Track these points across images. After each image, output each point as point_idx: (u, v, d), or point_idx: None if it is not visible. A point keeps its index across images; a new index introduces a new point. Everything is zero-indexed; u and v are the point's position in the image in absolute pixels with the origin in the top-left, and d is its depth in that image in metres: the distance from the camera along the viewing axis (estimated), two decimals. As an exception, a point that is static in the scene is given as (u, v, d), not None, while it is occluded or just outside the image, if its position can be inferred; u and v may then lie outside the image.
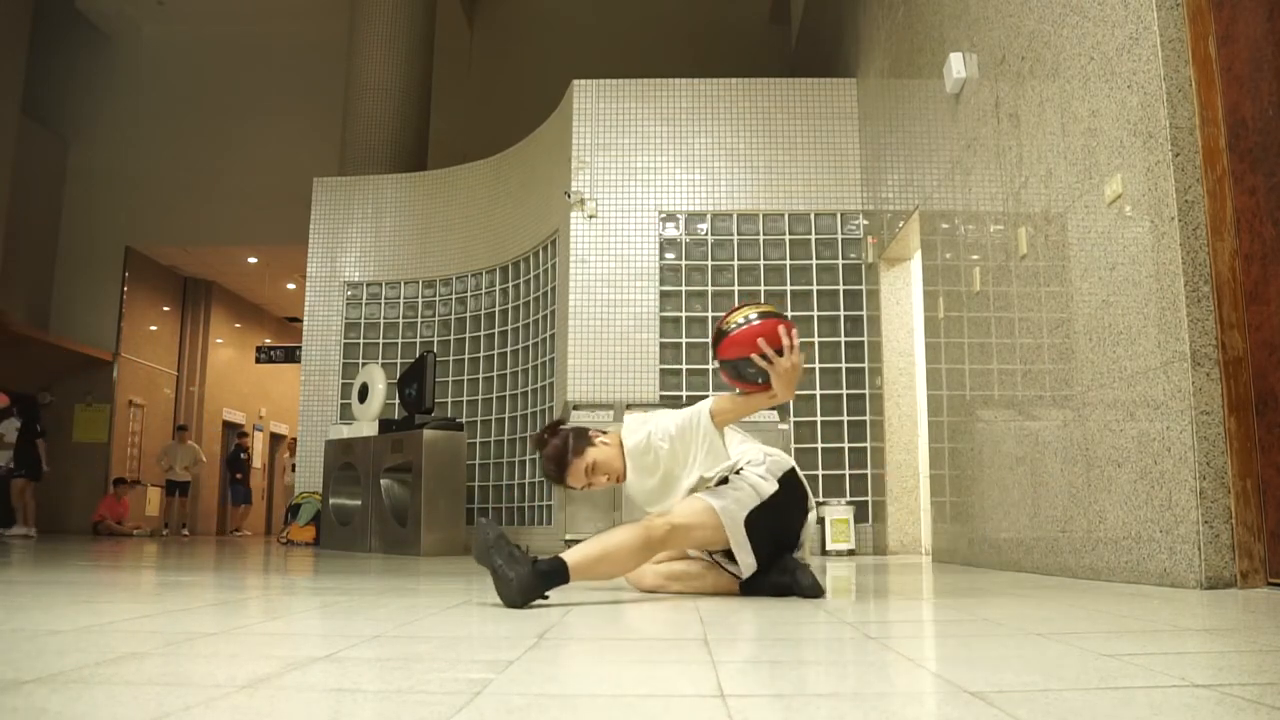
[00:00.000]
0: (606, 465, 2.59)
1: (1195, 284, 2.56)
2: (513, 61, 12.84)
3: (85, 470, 13.00)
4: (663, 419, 2.55)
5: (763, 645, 1.59)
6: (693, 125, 6.82)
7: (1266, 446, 2.43)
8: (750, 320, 2.39)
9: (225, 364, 15.86)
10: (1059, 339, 3.39)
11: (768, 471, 2.49)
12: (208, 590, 2.85)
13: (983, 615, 2.01)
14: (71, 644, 1.46)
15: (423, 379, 6.66)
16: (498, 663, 1.32)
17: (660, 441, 2.50)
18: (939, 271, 4.97)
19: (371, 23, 10.00)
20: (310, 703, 1.05)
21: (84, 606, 2.14)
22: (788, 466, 2.54)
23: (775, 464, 2.52)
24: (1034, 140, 3.62)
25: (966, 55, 4.35)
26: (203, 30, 13.27)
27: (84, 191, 13.12)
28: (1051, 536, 3.41)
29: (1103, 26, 3.01)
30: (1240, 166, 2.53)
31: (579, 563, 2.24)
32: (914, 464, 6.02)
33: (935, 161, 5.00)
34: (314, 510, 7.97)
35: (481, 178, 8.23)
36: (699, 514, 2.40)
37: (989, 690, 1.09)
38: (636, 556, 2.37)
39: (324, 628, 1.87)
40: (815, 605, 2.26)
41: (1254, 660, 1.36)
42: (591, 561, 2.28)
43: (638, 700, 1.08)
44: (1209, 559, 2.45)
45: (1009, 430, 3.92)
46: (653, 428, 2.53)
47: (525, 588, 2.11)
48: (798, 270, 6.60)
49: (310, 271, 8.51)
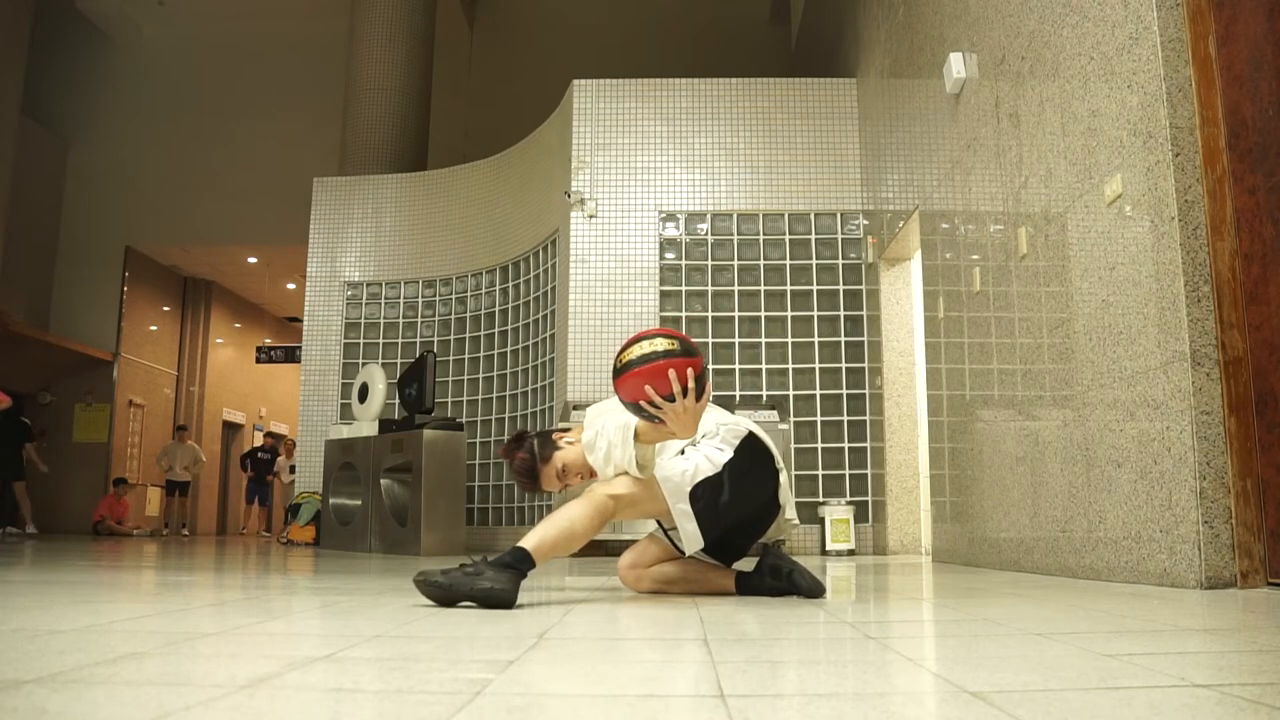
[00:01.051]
0: (576, 464, 2.55)
1: (1195, 284, 2.56)
2: (513, 61, 12.84)
3: (85, 470, 13.00)
4: (609, 419, 2.46)
5: (763, 645, 1.59)
6: (693, 125, 6.82)
7: (1266, 446, 2.43)
8: (647, 358, 2.18)
9: (225, 364, 15.86)
10: (1059, 339, 3.39)
11: (723, 441, 2.45)
12: (208, 590, 2.85)
13: (983, 615, 2.01)
14: (71, 644, 1.46)
15: (423, 379, 6.66)
16: (498, 663, 1.32)
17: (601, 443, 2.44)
18: (939, 271, 4.97)
19: (371, 23, 10.00)
20: (310, 703, 1.05)
21: (84, 606, 2.14)
22: (743, 433, 2.48)
23: (730, 432, 2.48)
24: (1034, 140, 3.62)
25: (966, 55, 4.35)
26: (203, 30, 13.27)
27: (84, 191, 13.13)
28: (1051, 536, 3.41)
29: (1103, 26, 3.01)
30: (1240, 166, 2.53)
31: (539, 546, 2.21)
32: (914, 464, 6.02)
33: (935, 161, 5.01)
34: (314, 510, 7.98)
35: (481, 178, 8.23)
36: (638, 483, 2.38)
37: (989, 690, 1.09)
38: (591, 526, 2.33)
39: (324, 628, 1.87)
40: (815, 605, 2.26)
41: (1254, 660, 1.36)
42: (550, 544, 2.25)
43: (638, 700, 1.08)
44: (1209, 559, 2.45)
45: (1009, 430, 3.92)
46: (599, 427, 2.46)
47: (508, 580, 2.09)
48: (798, 270, 6.60)
49: (310, 271, 8.51)
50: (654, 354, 2.19)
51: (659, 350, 2.19)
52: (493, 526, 7.57)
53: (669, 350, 2.20)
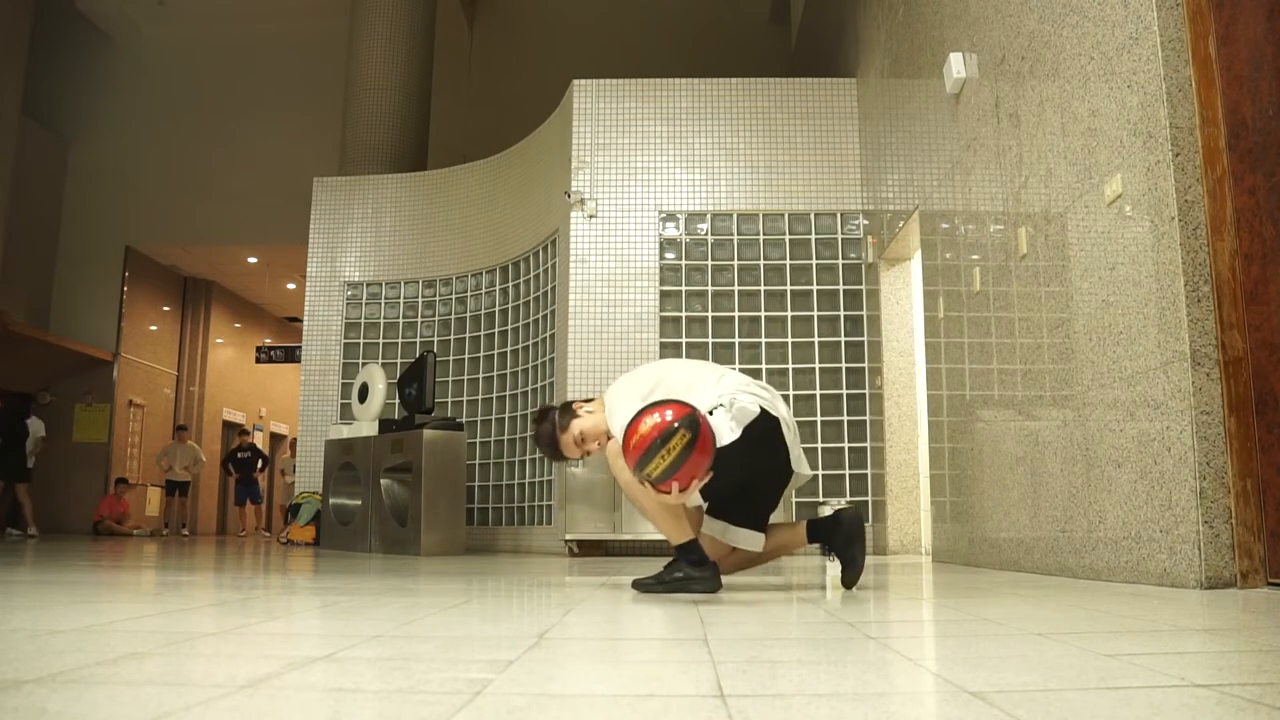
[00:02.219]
0: (593, 431, 2.76)
1: (1195, 284, 2.56)
2: (513, 61, 12.84)
3: (85, 470, 13.00)
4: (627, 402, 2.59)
5: (763, 645, 1.59)
6: (693, 125, 6.82)
7: (1266, 446, 2.43)
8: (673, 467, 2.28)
9: (225, 364, 15.86)
10: (1059, 339, 3.39)
11: (733, 419, 2.56)
12: (208, 590, 2.85)
13: (983, 615, 2.01)
14: (71, 644, 1.46)
15: (423, 379, 6.66)
16: (498, 663, 1.32)
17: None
18: (939, 271, 4.97)
19: (371, 22, 10.00)
20: (310, 703, 1.05)
21: (84, 606, 2.14)
22: (753, 415, 2.58)
23: (741, 411, 2.57)
24: (1034, 140, 3.62)
25: (966, 55, 4.35)
26: (203, 30, 13.27)
27: (84, 191, 13.13)
28: (1051, 536, 3.41)
29: (1103, 26, 3.01)
30: (1240, 166, 2.53)
31: (672, 534, 2.55)
32: (914, 464, 6.02)
33: (935, 161, 5.01)
34: (314, 510, 7.98)
35: (481, 178, 8.23)
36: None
37: (989, 690, 1.09)
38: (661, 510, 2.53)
39: (324, 628, 1.87)
40: (815, 605, 2.26)
41: (1254, 660, 1.36)
42: (666, 529, 2.55)
43: (638, 700, 1.08)
44: (1209, 559, 2.45)
45: (1009, 430, 3.92)
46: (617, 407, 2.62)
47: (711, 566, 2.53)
48: (798, 270, 6.60)
49: (310, 271, 8.51)
50: (677, 461, 2.28)
51: (678, 451, 2.27)
52: (493, 526, 7.58)
53: (687, 446, 2.27)
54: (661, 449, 2.26)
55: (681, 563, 2.56)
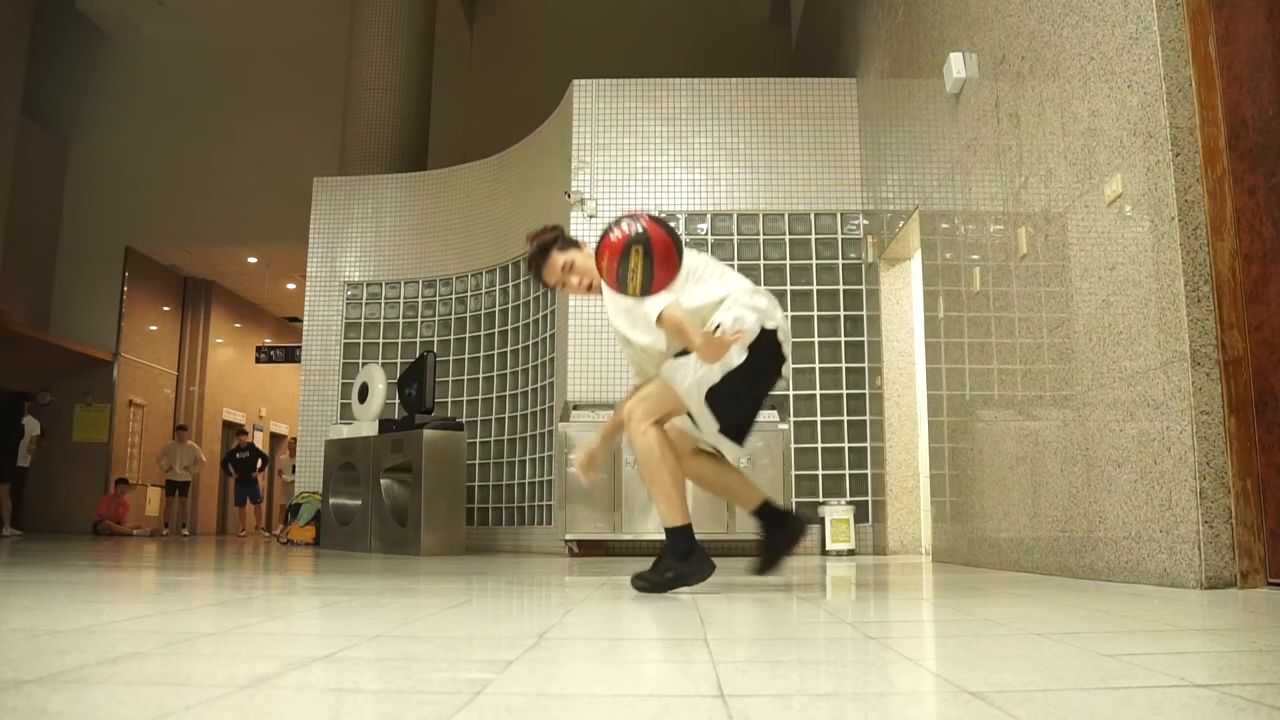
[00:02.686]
0: (583, 269, 2.80)
1: (1195, 284, 2.56)
2: (513, 61, 12.83)
3: (85, 470, 13.00)
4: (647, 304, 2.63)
5: (763, 645, 1.59)
6: (693, 125, 6.82)
7: (1266, 446, 2.43)
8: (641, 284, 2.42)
9: (225, 364, 15.86)
10: (1059, 339, 3.39)
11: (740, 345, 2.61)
12: (208, 590, 2.85)
13: (983, 615, 2.01)
14: (71, 644, 1.46)
15: (423, 379, 6.66)
16: (498, 663, 1.32)
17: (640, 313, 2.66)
18: (939, 271, 4.97)
19: (371, 23, 10.00)
20: (310, 703, 1.05)
21: (84, 606, 2.14)
22: (755, 334, 2.62)
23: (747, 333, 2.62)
24: (1034, 140, 3.62)
25: (966, 55, 4.35)
26: (203, 30, 13.26)
27: (84, 191, 13.12)
28: (1051, 536, 3.41)
29: (1103, 26, 3.01)
30: (1240, 166, 2.53)
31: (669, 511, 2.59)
32: (914, 464, 6.02)
33: (935, 161, 5.01)
34: (314, 510, 7.97)
35: (481, 178, 8.22)
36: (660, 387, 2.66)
37: (989, 690, 1.09)
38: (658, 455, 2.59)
39: (324, 628, 1.87)
40: (815, 605, 2.26)
41: (1254, 660, 1.36)
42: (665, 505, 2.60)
43: (638, 700, 1.08)
44: (1209, 559, 2.45)
45: (1009, 430, 3.92)
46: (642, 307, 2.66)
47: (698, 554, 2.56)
48: (798, 270, 6.60)
49: (310, 271, 8.51)
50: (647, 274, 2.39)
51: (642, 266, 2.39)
52: (492, 526, 7.57)
53: (646, 257, 2.38)
54: (628, 271, 2.40)
55: (669, 560, 2.59)
